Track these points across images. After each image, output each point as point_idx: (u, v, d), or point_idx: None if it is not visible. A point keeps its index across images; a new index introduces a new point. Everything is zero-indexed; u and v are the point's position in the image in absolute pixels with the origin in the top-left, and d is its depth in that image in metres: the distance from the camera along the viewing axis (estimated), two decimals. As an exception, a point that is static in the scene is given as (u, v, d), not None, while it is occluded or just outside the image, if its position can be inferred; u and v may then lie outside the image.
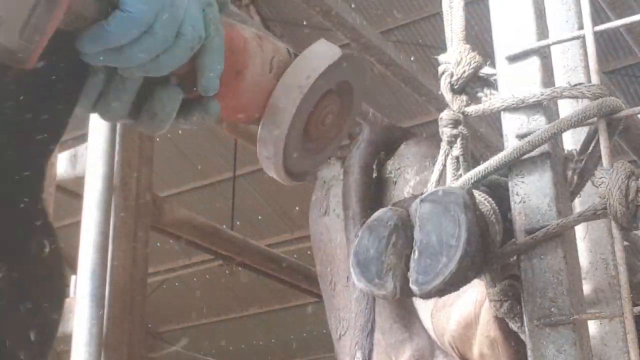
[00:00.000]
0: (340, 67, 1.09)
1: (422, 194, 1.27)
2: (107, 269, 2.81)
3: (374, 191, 2.17)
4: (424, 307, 1.93)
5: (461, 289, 1.48)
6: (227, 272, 5.87)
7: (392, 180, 2.16)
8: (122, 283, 2.88)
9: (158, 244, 7.90)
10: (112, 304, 2.80)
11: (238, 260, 5.41)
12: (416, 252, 1.23)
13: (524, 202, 1.28)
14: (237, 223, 8.15)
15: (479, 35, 5.01)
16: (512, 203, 1.30)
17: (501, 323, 1.53)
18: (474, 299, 1.70)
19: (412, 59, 4.47)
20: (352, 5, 4.12)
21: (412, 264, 1.24)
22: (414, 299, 1.89)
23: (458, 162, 1.44)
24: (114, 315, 2.81)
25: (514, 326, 1.38)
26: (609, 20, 1.61)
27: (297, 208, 8.32)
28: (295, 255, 8.12)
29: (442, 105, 1.43)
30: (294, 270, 5.68)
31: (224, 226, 5.54)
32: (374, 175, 2.19)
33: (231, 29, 1.06)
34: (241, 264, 5.52)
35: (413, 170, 2.12)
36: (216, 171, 8.27)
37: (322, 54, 1.09)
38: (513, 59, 1.35)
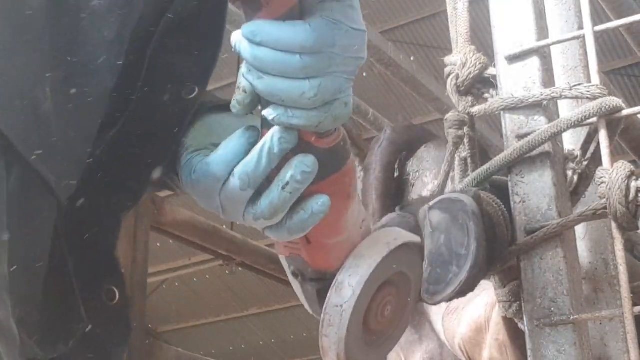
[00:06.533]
0: (400, 255, 1.07)
1: (429, 198, 1.27)
2: (108, 269, 2.80)
3: (394, 190, 2.15)
4: (434, 310, 1.92)
5: (474, 293, 1.47)
6: (227, 272, 5.86)
7: (410, 183, 2.14)
8: (122, 283, 2.87)
9: (158, 244, 7.90)
10: (112, 304, 2.79)
11: (238, 260, 5.41)
12: (426, 262, 1.23)
13: (524, 202, 1.28)
14: (237, 223, 8.14)
15: (478, 35, 5.01)
16: (512, 203, 1.30)
17: (510, 326, 1.52)
18: (485, 302, 1.69)
19: (412, 59, 4.47)
20: (352, 5, 4.10)
21: (423, 274, 1.23)
22: None
23: (466, 163, 1.43)
24: (114, 315, 2.80)
25: (522, 327, 1.38)
26: (609, 20, 1.61)
27: (297, 208, 8.30)
28: (295, 255, 8.09)
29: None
30: (294, 270, 5.68)
31: (224, 226, 5.54)
32: (396, 174, 2.17)
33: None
34: (241, 264, 5.52)
35: (432, 174, 2.10)
36: (216, 171, 8.25)
37: (395, 233, 1.09)
38: (513, 59, 1.35)
